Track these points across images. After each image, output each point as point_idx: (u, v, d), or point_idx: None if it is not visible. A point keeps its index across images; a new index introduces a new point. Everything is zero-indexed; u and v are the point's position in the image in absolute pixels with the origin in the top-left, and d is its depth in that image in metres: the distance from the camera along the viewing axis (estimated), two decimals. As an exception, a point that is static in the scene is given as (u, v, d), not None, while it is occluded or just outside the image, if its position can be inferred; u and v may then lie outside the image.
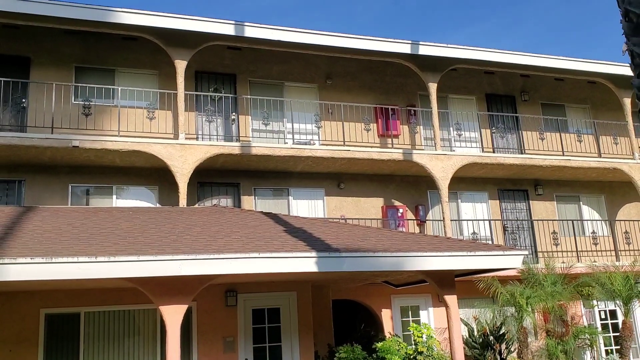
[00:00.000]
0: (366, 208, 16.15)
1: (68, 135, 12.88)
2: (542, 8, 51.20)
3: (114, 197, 14.08)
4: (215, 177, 14.83)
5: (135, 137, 13.55)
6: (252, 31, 14.34)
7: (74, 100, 14.24)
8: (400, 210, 16.31)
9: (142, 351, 10.57)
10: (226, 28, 14.11)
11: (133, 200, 14.20)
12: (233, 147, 13.76)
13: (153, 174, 14.18)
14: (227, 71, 15.81)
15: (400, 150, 15.26)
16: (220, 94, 15.48)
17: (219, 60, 15.71)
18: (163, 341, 10.15)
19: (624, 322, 14.09)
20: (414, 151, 15.41)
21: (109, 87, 14.43)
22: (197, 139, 14.85)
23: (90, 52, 14.69)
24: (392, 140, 16.66)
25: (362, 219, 15.50)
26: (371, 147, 15.82)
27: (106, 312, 10.52)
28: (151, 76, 15.13)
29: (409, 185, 16.71)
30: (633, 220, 18.50)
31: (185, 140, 13.40)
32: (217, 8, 50.05)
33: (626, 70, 16.69)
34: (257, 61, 16.05)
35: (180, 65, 13.77)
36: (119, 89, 14.48)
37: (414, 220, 16.43)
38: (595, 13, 49.72)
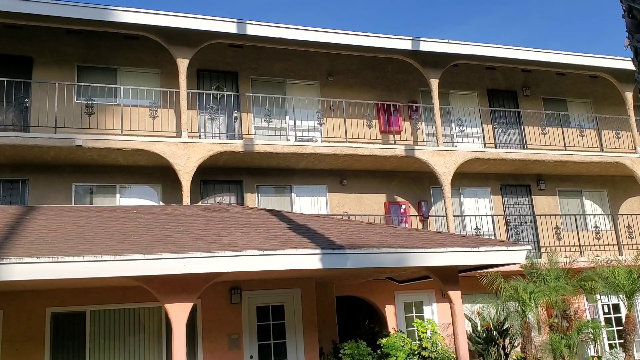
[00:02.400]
0: (369, 204, 16.17)
1: (71, 134, 12.91)
2: (545, 0, 51.12)
3: (118, 195, 14.12)
4: (218, 174, 14.86)
5: (138, 135, 13.59)
6: (254, 29, 14.35)
7: (77, 100, 14.28)
8: (403, 207, 16.34)
9: (147, 349, 10.61)
10: (228, 26, 14.12)
11: (136, 198, 14.24)
12: (236, 145, 13.79)
13: (156, 172, 14.21)
14: (229, 69, 15.83)
15: (403, 147, 15.28)
16: (223, 92, 15.51)
17: (220, 58, 15.73)
18: (168, 339, 10.20)
19: (627, 316, 14.12)
20: (416, 147, 15.43)
21: (112, 86, 14.46)
22: (199, 137, 14.89)
23: (93, 52, 14.72)
24: (394, 137, 16.68)
25: (364, 215, 15.53)
26: (373, 143, 15.84)
27: (112, 311, 10.56)
28: (153, 75, 15.16)
29: (411, 181, 16.73)
30: (635, 215, 18.52)
31: (188, 139, 13.43)
32: (217, 4, 50.04)
33: (628, 65, 16.69)
34: (258, 59, 16.07)
35: (182, 64, 13.80)
36: (122, 87, 14.52)
37: (416, 216, 16.45)
38: (598, 5, 49.61)
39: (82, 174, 13.84)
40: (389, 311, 15.24)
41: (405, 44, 15.63)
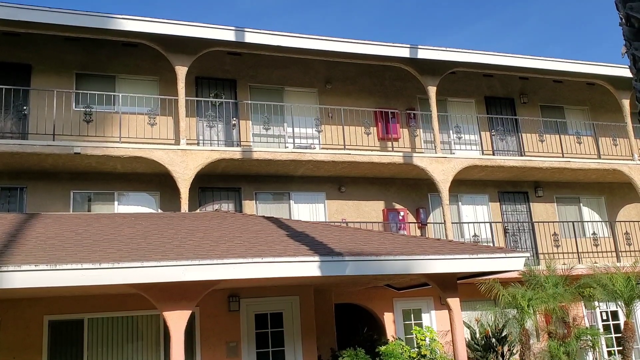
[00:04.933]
0: (367, 211, 16.17)
1: (69, 142, 12.91)
2: (544, 5, 51.36)
3: (116, 203, 14.10)
4: (217, 182, 14.86)
5: (136, 143, 13.59)
6: (252, 37, 14.39)
7: (75, 107, 14.28)
8: (402, 214, 16.34)
9: (145, 357, 10.58)
10: (226, 34, 14.16)
11: (135, 206, 14.22)
12: (234, 152, 13.80)
13: (154, 179, 14.21)
14: (228, 76, 15.86)
15: (401, 154, 15.30)
16: (221, 99, 15.53)
17: (219, 66, 15.76)
18: (166, 346, 10.16)
19: (625, 323, 14.10)
20: (414, 154, 15.45)
21: (110, 93, 14.47)
22: (198, 144, 14.89)
23: (91, 59, 14.74)
24: (392, 144, 16.70)
25: (363, 222, 15.52)
26: (371, 150, 15.85)
27: (110, 318, 10.53)
28: (152, 82, 15.18)
29: (409, 188, 16.74)
30: (633, 221, 18.53)
31: (186, 146, 13.44)
32: (214, 9, 50.17)
33: (625, 72, 16.76)
34: (257, 66, 16.10)
35: (181, 71, 13.82)
36: (120, 95, 14.53)
37: (415, 223, 16.45)
38: (596, 10, 49.88)
39: (81, 181, 13.83)
40: (388, 318, 15.21)
41: (403, 52, 15.68)
